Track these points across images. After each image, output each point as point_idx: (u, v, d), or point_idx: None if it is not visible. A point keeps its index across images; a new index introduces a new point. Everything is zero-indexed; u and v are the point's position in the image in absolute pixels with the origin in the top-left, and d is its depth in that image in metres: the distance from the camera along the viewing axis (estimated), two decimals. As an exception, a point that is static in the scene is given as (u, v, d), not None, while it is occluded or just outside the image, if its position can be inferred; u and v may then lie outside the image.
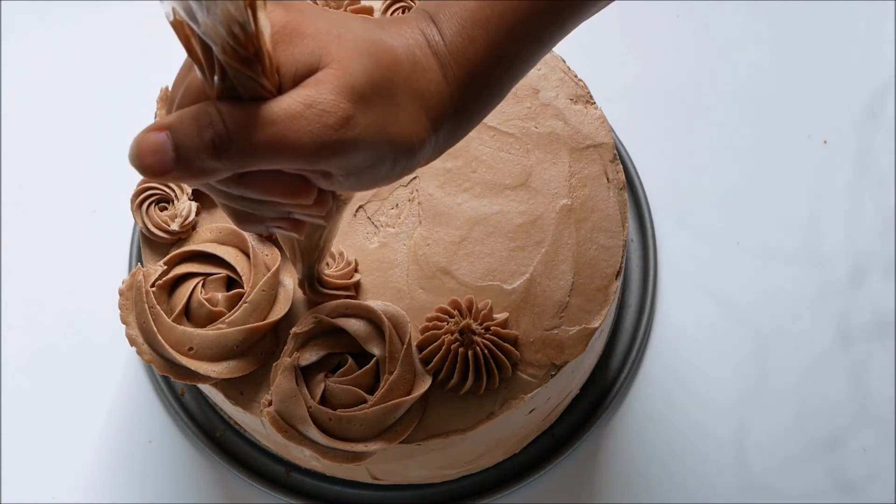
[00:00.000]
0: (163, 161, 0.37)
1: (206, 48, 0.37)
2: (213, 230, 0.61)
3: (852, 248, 0.77)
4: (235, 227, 0.61)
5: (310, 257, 0.55)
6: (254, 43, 0.37)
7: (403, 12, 0.65)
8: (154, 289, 0.58)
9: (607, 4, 0.46)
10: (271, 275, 0.58)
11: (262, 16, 0.37)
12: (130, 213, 0.62)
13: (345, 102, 0.39)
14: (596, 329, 0.59)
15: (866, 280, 0.76)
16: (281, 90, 0.39)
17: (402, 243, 0.62)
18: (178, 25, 0.36)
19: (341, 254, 0.61)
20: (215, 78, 0.38)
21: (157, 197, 0.62)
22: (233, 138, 0.38)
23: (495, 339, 0.57)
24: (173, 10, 0.36)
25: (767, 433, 0.72)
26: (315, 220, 0.46)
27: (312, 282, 0.58)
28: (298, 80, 0.39)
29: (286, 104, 0.38)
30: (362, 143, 0.39)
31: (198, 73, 0.38)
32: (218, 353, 0.57)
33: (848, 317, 0.75)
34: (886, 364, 0.73)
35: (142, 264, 0.60)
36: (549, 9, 0.43)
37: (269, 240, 0.61)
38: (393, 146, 0.41)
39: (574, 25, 0.45)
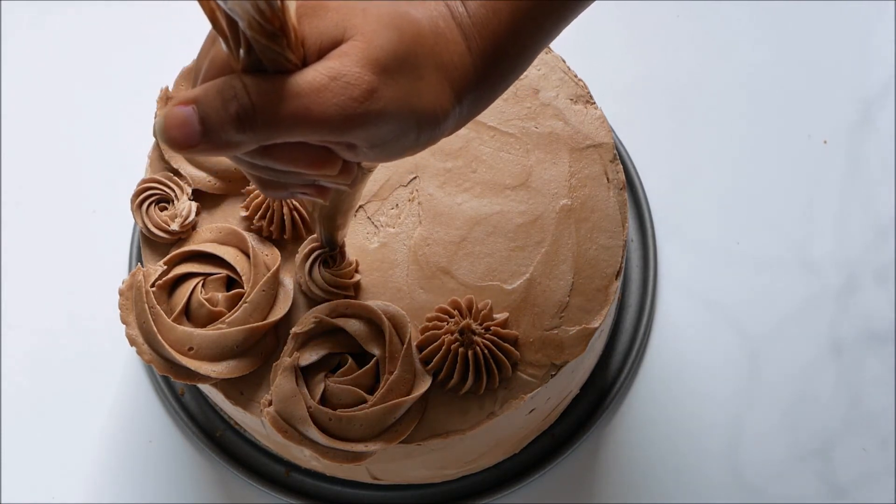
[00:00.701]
0: (189, 134, 0.38)
1: (231, 22, 0.37)
2: (213, 230, 0.61)
3: (853, 248, 0.77)
4: (235, 228, 0.61)
5: (332, 224, 0.55)
6: (279, 17, 0.37)
7: None
8: (154, 289, 0.58)
9: None
10: (271, 275, 0.58)
11: None
12: (130, 213, 0.62)
13: (369, 75, 0.39)
14: (596, 329, 0.59)
15: (869, 284, 0.76)
16: (305, 63, 0.39)
17: (402, 243, 0.62)
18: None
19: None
20: (241, 51, 0.38)
21: (157, 197, 0.62)
22: (258, 111, 0.38)
23: (495, 339, 0.57)
24: None
25: (766, 433, 0.72)
26: (340, 187, 0.46)
27: (333, 247, 0.58)
28: (323, 52, 0.39)
29: (311, 77, 0.38)
30: (387, 115, 0.40)
31: (223, 46, 0.39)
32: (218, 353, 0.57)
33: (847, 320, 0.75)
34: (879, 370, 0.73)
35: (142, 264, 0.60)
36: None
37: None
38: (417, 118, 0.41)
39: None
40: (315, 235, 0.59)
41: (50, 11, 0.89)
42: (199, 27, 0.72)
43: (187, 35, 0.82)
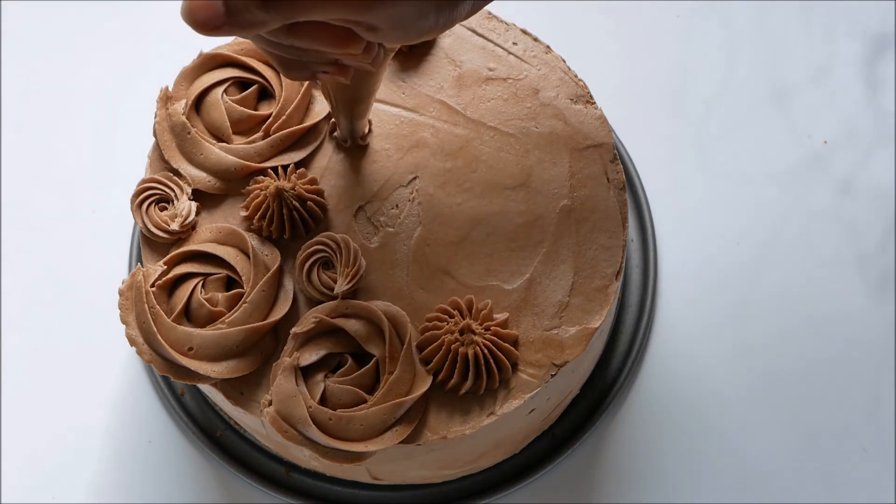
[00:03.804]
0: (214, 15, 0.38)
1: None
2: (213, 230, 0.61)
3: (852, 248, 0.77)
4: (235, 228, 0.61)
5: (354, 109, 0.56)
6: None
7: None
8: (154, 289, 0.58)
9: None
10: (271, 275, 0.58)
11: None
12: (130, 213, 0.62)
13: None
14: (596, 329, 0.59)
15: (870, 281, 0.76)
16: None
17: (402, 243, 0.62)
18: None
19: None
20: None
21: (157, 197, 0.62)
22: None
23: (495, 339, 0.57)
24: None
25: (767, 433, 0.72)
26: (363, 66, 0.47)
27: (355, 137, 0.59)
28: None
29: None
30: None
31: None
32: (218, 353, 0.57)
33: (848, 319, 0.75)
34: (887, 365, 0.73)
35: (142, 264, 0.60)
36: None
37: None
38: None
39: None
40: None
41: (50, 11, 0.89)
42: (199, 27, 0.72)
43: (187, 35, 0.82)
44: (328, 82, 0.56)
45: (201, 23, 0.38)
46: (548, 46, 0.68)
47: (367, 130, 0.63)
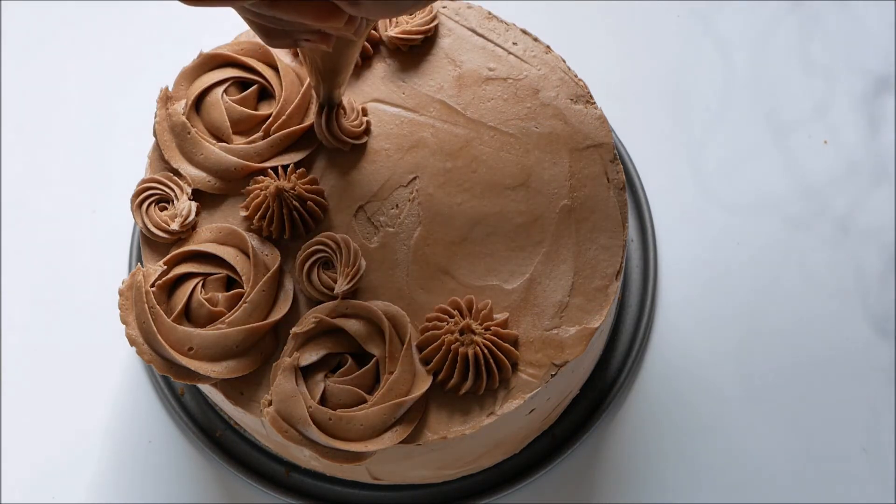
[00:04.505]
0: None
1: None
2: (213, 230, 0.61)
3: (853, 246, 0.77)
4: (235, 228, 0.61)
5: (334, 78, 0.57)
6: None
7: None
8: (154, 289, 0.58)
9: None
10: (271, 275, 0.58)
11: None
12: (130, 213, 0.62)
13: None
14: (596, 329, 0.59)
15: (871, 281, 0.76)
16: None
17: (403, 243, 0.62)
18: None
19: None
20: None
21: (157, 197, 0.62)
22: None
23: (495, 339, 0.57)
24: None
25: (767, 432, 0.72)
26: (345, 34, 0.47)
27: (333, 106, 0.60)
28: None
29: None
30: None
31: None
32: (218, 353, 0.57)
33: (849, 317, 0.75)
34: (887, 364, 0.73)
35: (142, 264, 0.60)
36: None
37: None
38: None
39: None
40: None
41: (50, 11, 0.89)
42: (199, 27, 0.72)
43: (187, 35, 0.82)
44: (309, 50, 0.56)
45: None
46: (548, 46, 0.68)
47: (343, 97, 0.63)
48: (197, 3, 0.39)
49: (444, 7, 0.69)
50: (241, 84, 0.65)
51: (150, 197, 0.62)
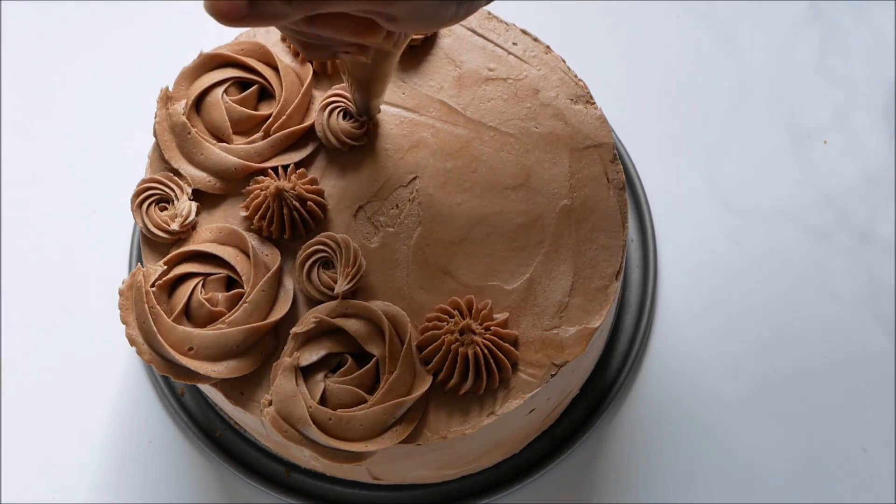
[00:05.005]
0: (236, 7, 0.39)
1: None
2: (213, 230, 0.61)
3: (853, 246, 0.77)
4: (235, 228, 0.61)
5: (371, 89, 0.57)
6: None
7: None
8: (154, 289, 0.58)
9: None
10: (271, 275, 0.58)
11: None
12: (130, 213, 0.62)
13: None
14: (596, 329, 0.59)
15: (871, 281, 0.76)
16: None
17: (403, 243, 0.62)
18: None
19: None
20: None
21: (157, 197, 0.62)
22: None
23: (495, 339, 0.57)
24: None
25: (767, 432, 0.72)
26: (383, 47, 0.47)
27: (370, 113, 0.61)
28: None
29: None
30: None
31: None
32: (218, 353, 0.57)
33: (849, 318, 0.75)
34: (887, 364, 0.73)
35: (142, 264, 0.60)
36: None
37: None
38: None
39: None
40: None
41: (50, 11, 0.89)
42: (199, 27, 0.72)
43: (187, 35, 0.82)
44: (348, 61, 0.56)
45: (224, 15, 0.39)
46: (548, 46, 0.68)
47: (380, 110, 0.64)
48: (234, 23, 0.39)
49: (444, 7, 0.69)
50: (242, 84, 0.65)
51: (150, 197, 0.62)
